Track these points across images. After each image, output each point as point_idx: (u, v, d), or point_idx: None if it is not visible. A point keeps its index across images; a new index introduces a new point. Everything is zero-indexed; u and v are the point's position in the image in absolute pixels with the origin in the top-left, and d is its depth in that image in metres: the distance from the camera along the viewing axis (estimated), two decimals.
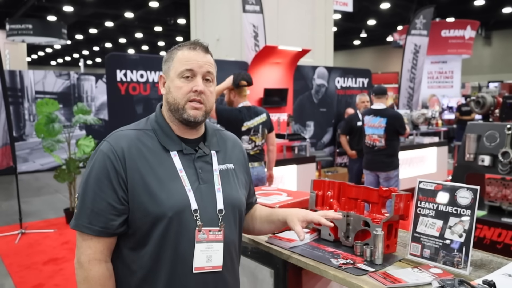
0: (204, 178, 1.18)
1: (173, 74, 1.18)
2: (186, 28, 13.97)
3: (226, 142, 1.32)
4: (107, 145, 1.15)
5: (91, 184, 1.12)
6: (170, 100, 1.18)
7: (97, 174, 1.12)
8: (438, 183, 1.34)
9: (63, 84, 9.55)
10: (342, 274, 1.22)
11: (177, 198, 1.12)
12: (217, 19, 7.34)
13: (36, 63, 28.20)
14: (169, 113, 1.20)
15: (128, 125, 1.23)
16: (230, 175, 1.25)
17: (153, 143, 1.17)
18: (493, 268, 1.25)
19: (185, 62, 1.17)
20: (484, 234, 2.98)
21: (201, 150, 1.21)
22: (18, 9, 13.75)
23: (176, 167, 1.15)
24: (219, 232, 1.16)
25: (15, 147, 5.05)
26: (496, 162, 2.98)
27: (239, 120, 3.47)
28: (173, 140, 1.19)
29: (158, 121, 1.22)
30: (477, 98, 3.67)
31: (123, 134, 1.18)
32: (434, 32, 12.88)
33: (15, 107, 8.95)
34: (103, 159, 1.12)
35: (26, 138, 9.15)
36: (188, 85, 1.17)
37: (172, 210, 1.10)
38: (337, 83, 7.28)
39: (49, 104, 5.23)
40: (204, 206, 1.15)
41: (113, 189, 1.10)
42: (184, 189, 1.13)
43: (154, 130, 1.19)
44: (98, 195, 1.10)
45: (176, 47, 1.23)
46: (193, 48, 1.19)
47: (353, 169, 5.53)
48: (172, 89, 1.18)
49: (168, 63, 1.21)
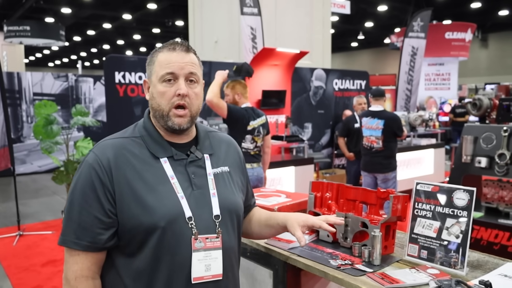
0: (197, 184, 1.13)
1: (155, 79, 1.13)
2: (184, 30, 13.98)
3: (220, 144, 1.26)
4: (93, 156, 1.10)
5: (77, 198, 1.07)
6: (155, 106, 1.13)
7: (82, 187, 1.07)
8: (435, 184, 1.35)
9: (61, 86, 9.54)
10: (340, 274, 1.23)
11: (170, 207, 1.07)
12: (215, 21, 7.36)
13: (34, 65, 28.14)
14: (155, 119, 1.16)
15: (115, 133, 1.18)
16: (225, 179, 1.20)
17: (141, 150, 1.12)
18: (490, 268, 1.27)
19: (166, 65, 1.11)
20: (481, 235, 3.01)
21: (193, 154, 1.16)
22: (16, 10, 13.73)
23: (167, 174, 1.10)
24: (216, 239, 1.11)
25: (13, 149, 5.05)
26: (493, 163, 3.01)
27: (246, 119, 3.49)
28: (163, 146, 1.14)
29: (146, 127, 1.16)
30: (474, 100, 3.70)
31: (109, 143, 1.12)
32: (438, 34, 13.00)
33: (13, 109, 8.93)
34: (88, 171, 1.07)
35: (24, 140, 9.13)
36: (171, 89, 1.11)
37: (165, 219, 1.05)
38: (335, 85, 7.30)
39: (47, 106, 5.23)
40: (199, 213, 1.10)
41: (99, 202, 1.05)
42: (176, 197, 1.08)
43: (142, 137, 1.14)
44: (84, 209, 1.06)
45: (157, 49, 1.17)
46: (173, 49, 1.13)
47: (351, 171, 5.54)
48: (155, 94, 1.13)
49: (150, 67, 1.16)
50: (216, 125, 4.99)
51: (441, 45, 13.43)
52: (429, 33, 12.82)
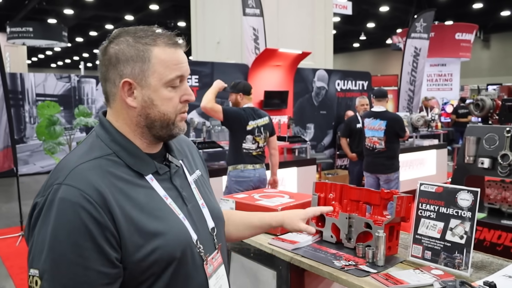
0: (188, 197, 0.97)
1: (156, 82, 0.89)
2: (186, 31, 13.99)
3: (182, 144, 1.08)
4: (71, 189, 0.80)
5: (64, 253, 0.77)
6: (155, 116, 0.90)
7: (70, 237, 0.77)
8: (439, 185, 1.35)
9: (64, 87, 9.56)
10: (344, 275, 1.23)
11: (179, 233, 0.90)
12: (217, 22, 7.37)
13: (36, 66, 28.21)
14: (143, 130, 0.92)
15: (77, 153, 0.89)
16: (203, 184, 1.06)
17: (122, 170, 0.88)
18: (494, 269, 1.27)
19: (175, 66, 0.90)
20: (484, 236, 3.00)
21: (172, 163, 0.98)
22: (18, 12, 13.79)
23: (159, 194, 0.91)
24: (218, 254, 0.99)
25: (16, 149, 5.06)
26: (496, 164, 3.00)
27: (245, 119, 3.49)
28: (145, 161, 0.92)
29: (116, 140, 0.91)
30: (476, 101, 3.69)
31: (85, 169, 0.84)
32: (448, 34, 13.03)
33: (16, 110, 8.94)
34: (73, 212, 0.78)
35: (26, 141, 9.15)
36: (177, 95, 0.92)
37: (180, 248, 0.88)
38: (337, 86, 7.30)
39: (50, 106, 5.26)
40: (200, 231, 0.96)
41: (101, 251, 0.79)
42: (179, 219, 0.91)
43: (116, 153, 0.89)
44: (80, 266, 0.77)
45: (141, 39, 0.89)
46: (174, 45, 0.91)
47: (353, 171, 5.54)
48: (158, 101, 0.90)
49: (138, 64, 0.88)
50: (218, 125, 5.00)
51: (451, 46, 13.47)
52: (439, 34, 12.90)
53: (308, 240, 1.50)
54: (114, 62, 0.89)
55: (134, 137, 0.93)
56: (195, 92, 5.82)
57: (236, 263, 1.66)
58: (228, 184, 3.60)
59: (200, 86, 5.87)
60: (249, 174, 3.52)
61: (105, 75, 0.92)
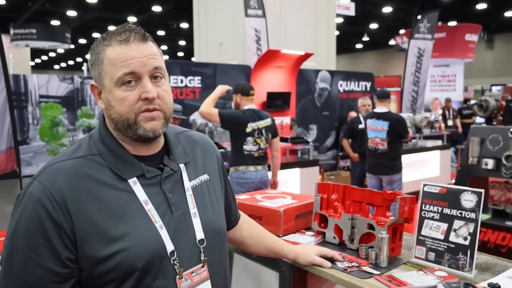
0: (176, 204, 0.92)
1: (108, 82, 0.87)
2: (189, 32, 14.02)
3: (194, 146, 1.04)
4: (39, 186, 0.82)
5: (19, 245, 0.80)
6: (115, 117, 0.88)
7: (26, 231, 0.80)
8: (442, 186, 1.34)
9: (67, 88, 9.59)
10: (347, 277, 1.22)
11: (147, 242, 0.85)
12: (219, 23, 7.38)
13: (40, 67, 28.33)
14: (117, 131, 0.91)
15: (65, 151, 0.91)
16: (205, 191, 1.00)
17: (102, 172, 0.87)
18: (498, 271, 1.26)
19: (121, 64, 0.86)
20: (488, 237, 2.98)
21: (167, 167, 0.94)
22: (22, 14, 13.86)
23: (139, 199, 0.88)
24: (202, 268, 0.93)
25: (19, 151, 5.08)
26: (500, 165, 2.98)
27: (243, 121, 3.49)
28: (130, 164, 0.90)
29: (104, 140, 0.91)
30: (480, 101, 3.67)
31: (59, 167, 0.85)
32: (459, 35, 13.04)
33: (19, 111, 8.99)
34: (34, 208, 0.81)
35: (29, 142, 9.18)
36: (133, 93, 0.87)
37: (143, 258, 0.84)
38: (340, 87, 7.29)
39: (53, 108, 5.27)
40: (182, 242, 0.90)
41: (53, 249, 0.80)
42: (154, 227, 0.87)
43: (101, 154, 0.89)
44: (31, 260, 0.80)
45: (101, 42, 0.89)
46: (125, 41, 0.87)
47: (355, 172, 5.53)
48: (113, 102, 0.88)
49: (97, 67, 0.89)
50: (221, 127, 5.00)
51: (460, 47, 13.47)
52: (450, 34, 12.92)
53: (310, 241, 1.50)
54: (90, 68, 0.93)
55: (119, 138, 0.92)
56: (197, 94, 5.86)
57: (238, 264, 1.65)
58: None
59: (203, 87, 5.87)
60: (251, 175, 3.52)
61: None
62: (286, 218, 1.56)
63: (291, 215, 1.58)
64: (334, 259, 1.30)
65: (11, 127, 4.93)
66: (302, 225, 1.62)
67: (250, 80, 5.86)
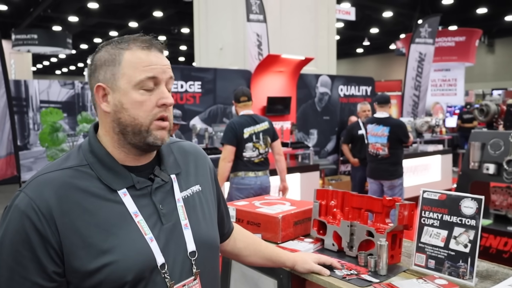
0: (167, 216, 0.91)
1: (125, 84, 0.86)
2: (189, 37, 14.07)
3: (186, 156, 1.03)
4: (25, 199, 0.81)
5: (5, 259, 0.79)
6: (126, 121, 0.87)
7: (12, 244, 0.79)
8: (442, 192, 1.33)
9: (68, 93, 9.60)
10: (346, 285, 1.20)
11: (137, 254, 0.84)
12: (220, 28, 7.40)
13: (41, 73, 28.44)
14: (119, 137, 0.89)
15: (54, 162, 0.90)
16: (196, 202, 0.99)
17: (91, 183, 0.86)
18: (499, 279, 1.24)
19: (144, 68, 0.87)
20: (490, 243, 2.95)
21: (158, 177, 0.92)
22: (24, 19, 13.93)
23: (128, 210, 0.86)
24: (194, 281, 0.92)
25: (19, 156, 5.08)
26: (501, 170, 2.96)
27: (239, 129, 3.48)
28: (119, 175, 0.88)
29: (94, 150, 0.89)
30: (481, 106, 3.66)
31: (46, 178, 0.84)
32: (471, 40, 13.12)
33: (20, 116, 8.99)
34: (20, 221, 0.79)
35: (30, 147, 9.18)
36: (151, 99, 0.87)
37: (133, 272, 0.83)
38: (340, 91, 7.29)
39: (53, 113, 5.27)
40: (172, 255, 0.89)
41: (38, 262, 0.79)
42: (143, 239, 0.86)
43: (90, 165, 0.87)
44: (17, 273, 0.79)
45: (117, 44, 0.89)
46: (147, 48, 0.88)
47: (355, 177, 5.51)
48: (127, 105, 0.87)
49: (110, 68, 0.87)
50: (220, 132, 4.99)
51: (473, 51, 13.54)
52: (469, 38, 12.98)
53: (309, 248, 1.48)
54: (93, 70, 0.90)
55: (114, 147, 0.90)
56: (197, 98, 5.86)
57: (236, 272, 1.64)
58: (230, 191, 3.60)
59: (203, 92, 5.87)
60: (250, 181, 3.49)
61: (90, 85, 0.92)
62: (285, 225, 1.54)
63: (289, 222, 1.56)
64: (333, 266, 1.28)
65: (11, 133, 4.93)
66: (301, 231, 1.61)
67: (250, 85, 5.86)
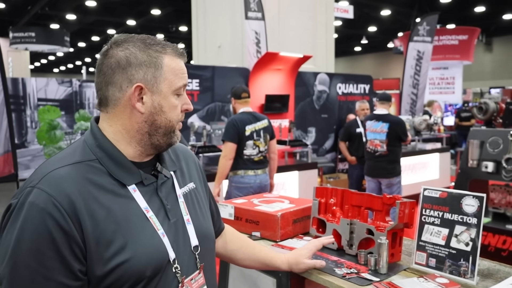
0: (172, 211, 0.92)
1: (166, 89, 0.89)
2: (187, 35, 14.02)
3: (178, 155, 1.06)
4: (44, 196, 0.77)
5: (25, 260, 0.74)
6: (162, 123, 0.90)
7: (32, 243, 0.75)
8: (443, 190, 1.32)
9: (65, 91, 9.56)
10: (346, 284, 1.19)
11: (153, 250, 0.85)
12: (218, 26, 7.37)
13: (39, 71, 28.33)
14: (143, 136, 0.90)
15: (59, 155, 0.87)
16: (193, 199, 1.01)
17: (104, 178, 0.85)
18: (501, 277, 1.23)
19: (182, 75, 0.91)
20: (488, 241, 2.95)
21: (161, 174, 0.94)
22: (21, 17, 13.86)
23: (140, 206, 0.87)
24: (199, 275, 0.93)
25: (16, 154, 5.05)
26: (500, 168, 2.96)
27: (241, 126, 3.46)
28: (129, 170, 0.88)
29: (102, 145, 0.88)
30: (480, 104, 3.65)
31: (62, 174, 0.81)
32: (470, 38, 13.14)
33: (17, 114, 8.95)
34: (40, 219, 0.75)
35: (28, 145, 9.14)
36: (179, 103, 0.93)
37: (151, 267, 0.83)
38: (339, 89, 7.27)
39: (50, 111, 5.25)
40: (180, 250, 0.90)
41: (64, 262, 0.76)
42: (157, 235, 0.86)
43: (99, 160, 0.86)
44: (40, 275, 0.75)
45: (156, 47, 0.90)
46: (182, 55, 0.94)
47: (353, 175, 5.50)
48: (166, 108, 0.90)
49: (150, 69, 0.88)
50: (219, 129, 4.98)
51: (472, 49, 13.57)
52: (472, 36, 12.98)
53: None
54: (124, 65, 0.87)
55: (127, 143, 0.90)
56: (195, 96, 5.83)
57: (235, 271, 1.62)
58: (229, 189, 3.58)
59: (201, 90, 5.84)
60: (249, 180, 3.48)
61: (109, 79, 0.88)
62: (284, 223, 1.53)
63: (288, 220, 1.55)
64: (325, 245, 1.30)
65: (8, 131, 4.91)
66: (300, 230, 1.59)
67: (248, 83, 5.84)
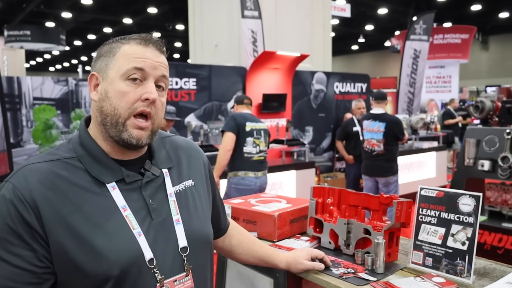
0: (157, 210, 0.90)
1: (114, 74, 0.86)
2: (184, 34, 14.00)
3: (178, 151, 1.02)
4: (10, 187, 0.81)
5: None
6: (107, 110, 0.86)
7: (0, 233, 0.79)
8: (440, 190, 1.32)
9: (61, 90, 9.51)
10: (343, 284, 1.19)
11: (123, 249, 0.83)
12: (215, 25, 7.35)
13: (35, 69, 28.19)
14: (101, 127, 0.88)
15: (43, 154, 0.90)
16: (189, 197, 0.98)
17: (79, 175, 0.85)
18: (497, 276, 1.23)
19: (134, 59, 0.86)
20: (484, 239, 2.96)
21: (149, 172, 0.91)
22: (16, 15, 13.77)
23: (117, 204, 0.85)
24: (186, 277, 0.91)
25: (12, 154, 5.03)
26: (496, 167, 2.97)
27: (242, 120, 3.48)
28: (109, 167, 0.87)
29: (83, 143, 0.88)
30: (476, 102, 3.67)
31: (31, 168, 0.84)
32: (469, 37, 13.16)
33: (13, 114, 8.90)
34: (5, 208, 0.79)
35: (23, 145, 9.09)
36: (135, 92, 0.86)
37: (118, 266, 0.81)
38: (336, 88, 7.28)
39: (46, 110, 5.22)
40: (162, 250, 0.88)
41: (28, 247, 0.79)
42: (131, 234, 0.84)
43: (79, 157, 0.87)
44: (7, 262, 0.78)
45: (119, 40, 0.90)
46: (145, 44, 0.89)
47: (350, 174, 5.51)
48: (111, 93, 0.86)
49: (105, 58, 0.88)
50: (216, 129, 4.97)
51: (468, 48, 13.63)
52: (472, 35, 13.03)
53: (305, 246, 1.47)
54: (93, 61, 0.92)
55: (103, 139, 0.90)
56: (192, 96, 5.82)
57: (232, 270, 1.62)
58: (228, 191, 3.54)
59: (198, 89, 5.83)
60: (250, 182, 3.44)
61: None
62: (281, 223, 1.53)
63: (285, 220, 1.55)
64: (324, 261, 1.28)
65: (3, 130, 4.88)
66: (297, 229, 1.59)
67: (245, 82, 5.84)
